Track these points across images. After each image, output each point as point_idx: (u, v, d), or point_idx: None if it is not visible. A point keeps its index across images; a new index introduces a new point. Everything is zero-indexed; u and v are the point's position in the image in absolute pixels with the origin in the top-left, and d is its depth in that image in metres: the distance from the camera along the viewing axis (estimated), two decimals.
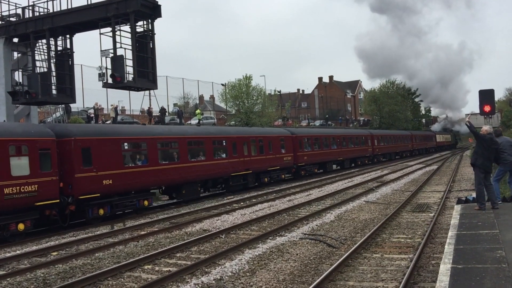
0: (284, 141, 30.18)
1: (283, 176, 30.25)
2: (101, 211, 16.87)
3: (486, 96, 17.62)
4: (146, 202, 18.93)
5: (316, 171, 35.43)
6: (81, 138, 16.52)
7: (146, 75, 17.61)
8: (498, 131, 12.10)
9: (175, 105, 46.90)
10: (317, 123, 63.20)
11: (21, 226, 14.16)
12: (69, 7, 18.44)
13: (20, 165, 14.25)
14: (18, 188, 13.99)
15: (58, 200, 15.26)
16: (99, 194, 16.67)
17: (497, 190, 11.90)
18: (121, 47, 16.94)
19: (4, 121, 18.76)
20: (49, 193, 14.94)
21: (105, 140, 17.53)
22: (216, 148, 23.75)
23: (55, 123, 26.35)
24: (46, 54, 19.36)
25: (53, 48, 19.33)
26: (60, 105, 26.11)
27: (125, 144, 18.66)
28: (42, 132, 15.59)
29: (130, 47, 16.91)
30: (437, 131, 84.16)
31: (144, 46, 17.43)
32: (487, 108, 17.47)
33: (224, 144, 24.47)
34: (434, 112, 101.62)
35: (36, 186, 14.51)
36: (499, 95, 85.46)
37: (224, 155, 24.15)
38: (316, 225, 14.00)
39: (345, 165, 40.50)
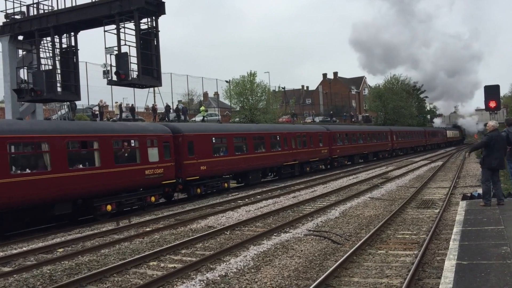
0: (321, 136, 34.20)
1: (320, 166, 34.38)
2: (199, 190, 21.47)
3: (491, 91, 17.52)
4: (226, 184, 23.66)
5: (346, 163, 39.18)
6: (187, 134, 21.01)
7: (150, 72, 17.65)
8: (510, 120, 11.93)
9: (179, 102, 46.84)
10: (317, 119, 62.88)
11: (153, 199, 18.71)
12: (73, 4, 18.50)
13: (153, 154, 18.68)
14: (152, 170, 18.41)
15: (174, 180, 19.82)
16: (198, 177, 21.24)
17: None
18: (125, 44, 17.00)
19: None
20: (169, 175, 19.42)
21: (202, 135, 22.12)
22: (272, 142, 28.11)
23: (61, 120, 26.45)
24: (50, 51, 19.44)
25: (57, 45, 19.40)
26: (65, 103, 26.19)
27: (213, 138, 23.26)
28: (164, 129, 20.09)
29: (134, 45, 16.95)
30: (447, 127, 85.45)
31: (148, 43, 17.45)
32: (492, 104, 17.37)
33: (277, 138, 28.80)
34: (441, 108, 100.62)
35: (162, 169, 18.90)
36: (504, 91, 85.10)
37: (278, 148, 28.47)
38: (321, 221, 13.99)
39: (368, 158, 44.24)
